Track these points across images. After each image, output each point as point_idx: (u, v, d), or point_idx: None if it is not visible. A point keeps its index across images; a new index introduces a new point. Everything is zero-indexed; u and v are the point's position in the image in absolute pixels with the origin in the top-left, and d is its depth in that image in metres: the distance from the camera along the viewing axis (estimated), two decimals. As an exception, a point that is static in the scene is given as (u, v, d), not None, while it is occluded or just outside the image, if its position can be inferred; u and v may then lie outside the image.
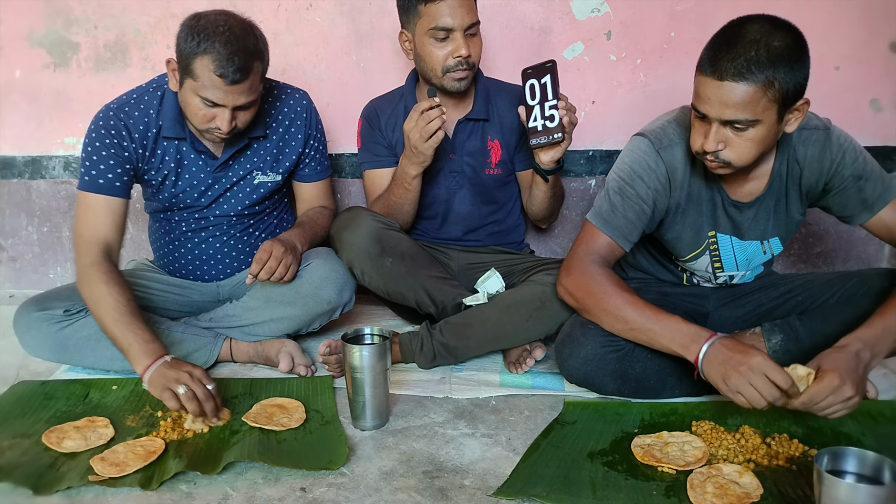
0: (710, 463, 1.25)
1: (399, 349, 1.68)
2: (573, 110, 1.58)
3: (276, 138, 1.73)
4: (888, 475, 1.04)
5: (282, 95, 1.75)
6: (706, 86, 1.25)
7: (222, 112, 1.50)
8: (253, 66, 1.47)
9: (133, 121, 1.61)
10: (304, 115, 1.76)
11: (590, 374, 1.46)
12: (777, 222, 1.50)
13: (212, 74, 1.44)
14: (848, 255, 2.23)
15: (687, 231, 1.51)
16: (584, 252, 1.47)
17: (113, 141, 1.60)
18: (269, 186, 1.75)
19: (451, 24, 1.65)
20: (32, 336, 1.62)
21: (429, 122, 1.60)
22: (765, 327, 1.55)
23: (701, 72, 1.26)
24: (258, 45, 1.50)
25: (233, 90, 1.47)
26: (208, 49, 1.43)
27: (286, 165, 1.76)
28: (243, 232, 1.79)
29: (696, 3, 2.05)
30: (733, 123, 1.25)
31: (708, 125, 1.29)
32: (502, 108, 1.84)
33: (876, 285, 1.49)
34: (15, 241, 2.38)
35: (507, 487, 1.20)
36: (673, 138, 1.44)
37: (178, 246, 1.79)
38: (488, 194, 1.88)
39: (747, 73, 1.20)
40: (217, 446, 1.33)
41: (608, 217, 1.46)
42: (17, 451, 1.32)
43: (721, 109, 1.24)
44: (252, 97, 1.51)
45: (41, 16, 2.19)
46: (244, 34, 1.47)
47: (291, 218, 1.91)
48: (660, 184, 1.44)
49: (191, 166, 1.68)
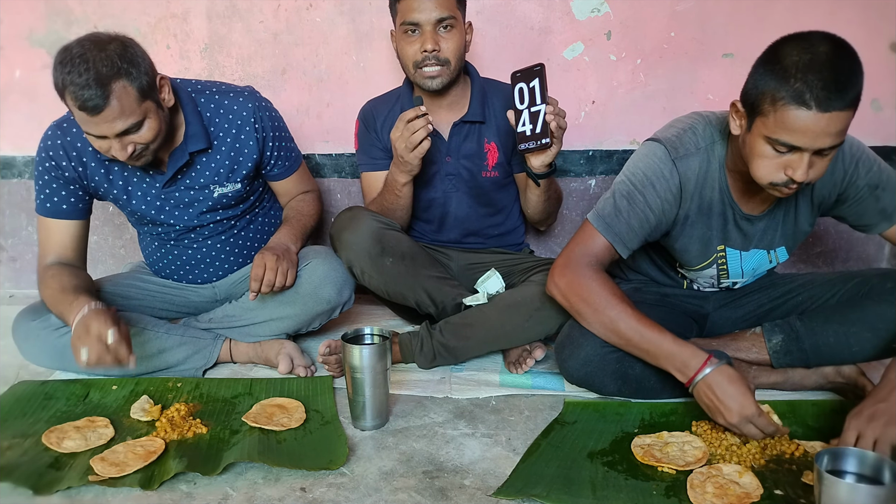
0: (710, 463, 1.25)
1: (399, 349, 1.68)
2: (562, 115, 1.55)
3: (225, 149, 1.65)
4: (888, 475, 1.04)
5: (224, 102, 1.65)
6: (804, 119, 1.15)
7: (110, 142, 1.43)
8: (111, 87, 1.36)
9: (70, 138, 1.58)
10: (252, 119, 1.66)
11: (590, 374, 1.46)
12: (785, 232, 1.49)
13: (77, 109, 1.38)
14: (848, 255, 2.24)
15: (695, 243, 1.48)
16: (580, 252, 1.44)
17: (52, 163, 1.59)
18: (230, 196, 1.70)
19: (419, 18, 1.64)
20: (31, 344, 1.63)
21: (413, 133, 1.59)
22: (765, 327, 1.55)
23: (796, 106, 1.15)
24: (116, 64, 1.37)
25: (101, 119, 1.38)
26: (66, 83, 1.36)
27: (243, 174, 1.69)
28: (229, 234, 1.77)
29: (696, 3, 2.05)
30: (824, 150, 1.19)
31: (790, 156, 1.21)
32: (499, 110, 1.80)
33: (877, 286, 1.49)
34: (15, 241, 2.38)
35: (507, 487, 1.20)
36: (689, 148, 1.39)
37: (166, 253, 1.78)
38: (486, 197, 1.87)
39: (854, 99, 1.15)
40: (217, 446, 1.33)
41: (610, 221, 1.43)
42: (17, 451, 1.32)
43: (822, 140, 1.17)
44: (131, 120, 1.40)
45: (41, 16, 2.19)
46: (97, 57, 1.36)
47: (277, 208, 1.89)
48: (671, 194, 1.40)
49: (140, 184, 1.64)
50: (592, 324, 1.42)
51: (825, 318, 1.50)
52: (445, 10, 1.65)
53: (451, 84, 1.74)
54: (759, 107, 1.21)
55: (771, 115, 1.19)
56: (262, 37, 2.16)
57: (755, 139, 1.24)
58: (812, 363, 1.52)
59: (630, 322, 1.36)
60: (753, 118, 1.24)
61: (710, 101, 2.11)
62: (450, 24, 1.67)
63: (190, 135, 1.60)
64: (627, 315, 1.36)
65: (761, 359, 1.54)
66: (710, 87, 2.11)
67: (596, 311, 1.39)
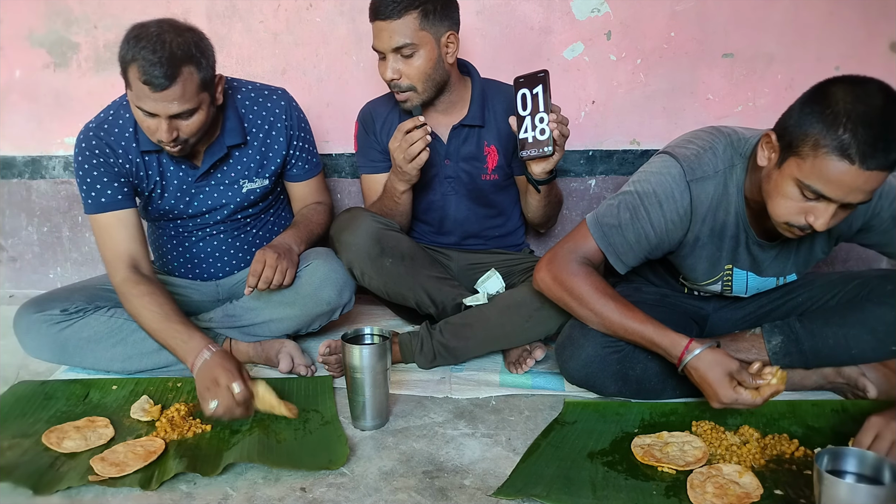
0: (710, 463, 1.25)
1: (399, 349, 1.68)
2: (565, 122, 1.54)
3: (257, 144, 1.70)
4: (888, 475, 1.04)
5: (259, 99, 1.70)
6: (844, 172, 1.11)
7: (159, 122, 1.46)
8: (181, 71, 1.41)
9: (114, 138, 1.60)
10: (284, 116, 1.71)
11: (591, 375, 1.46)
12: (797, 260, 1.47)
13: (139, 83, 1.40)
14: (848, 256, 2.23)
15: (702, 263, 1.46)
16: (568, 249, 1.43)
17: (100, 160, 1.60)
18: (258, 192, 1.73)
19: (378, 46, 1.66)
20: (32, 338, 1.62)
21: (411, 144, 1.58)
22: (765, 328, 1.55)
23: (838, 157, 1.11)
24: (190, 51, 1.43)
25: (161, 97, 1.41)
26: (136, 56, 1.39)
27: (272, 169, 1.73)
28: (239, 231, 1.78)
29: (696, 3, 2.05)
30: (852, 204, 1.16)
31: (816, 203, 1.18)
32: (500, 113, 1.79)
33: (877, 287, 1.49)
34: (15, 241, 2.38)
35: (507, 487, 1.20)
36: (707, 170, 1.34)
37: (174, 246, 1.79)
38: (485, 199, 1.87)
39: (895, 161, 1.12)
40: (217, 447, 1.33)
41: (607, 231, 1.40)
42: (17, 451, 1.32)
43: (854, 195, 1.14)
44: (187, 105, 1.44)
45: (41, 16, 2.19)
46: (174, 40, 1.41)
47: (289, 213, 1.91)
48: (677, 216, 1.36)
49: (173, 178, 1.66)
50: (580, 315, 1.43)
51: (825, 320, 1.50)
52: (402, 37, 1.62)
53: (440, 93, 1.73)
54: (798, 148, 1.16)
55: (809, 159, 1.14)
56: (262, 37, 2.16)
57: (784, 178, 1.20)
58: (812, 364, 1.52)
59: (613, 315, 1.37)
60: (787, 156, 1.19)
61: (710, 100, 2.11)
62: (410, 51, 1.64)
63: (228, 129, 1.63)
64: (610, 308, 1.37)
65: (761, 360, 1.54)
66: (710, 87, 2.11)
67: (581, 304, 1.40)
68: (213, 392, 1.34)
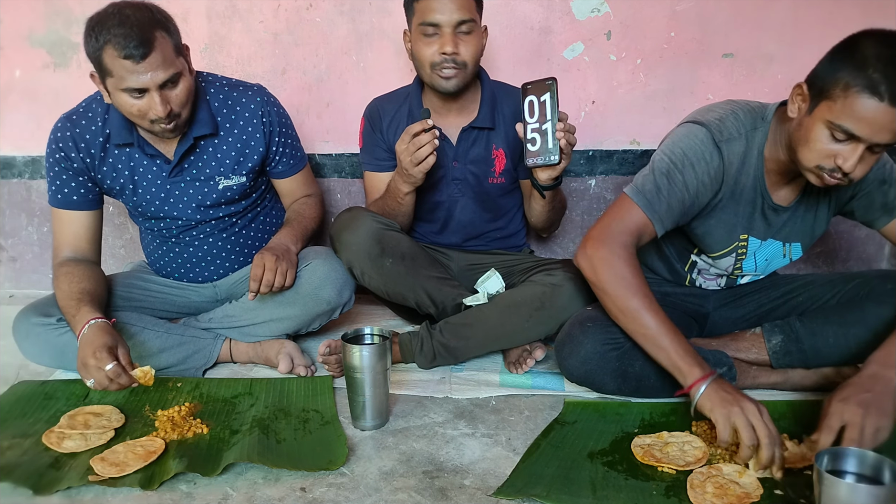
0: (710, 463, 1.25)
1: (399, 349, 1.68)
2: (572, 131, 1.53)
3: (232, 140, 1.68)
4: (888, 475, 1.04)
5: (233, 94, 1.69)
6: (873, 110, 1.16)
7: (151, 98, 1.46)
8: (154, 36, 1.43)
9: (80, 129, 1.61)
10: (260, 112, 1.69)
11: (590, 372, 1.46)
12: (804, 228, 1.49)
13: (120, 60, 1.41)
14: (848, 255, 2.24)
15: (720, 228, 1.47)
16: (616, 228, 1.39)
17: (61, 154, 1.61)
18: (235, 189, 1.71)
19: (439, 19, 1.63)
20: (31, 342, 1.62)
21: (419, 148, 1.57)
22: (765, 328, 1.55)
23: (868, 95, 1.16)
24: (155, 17, 1.46)
25: (145, 67, 1.42)
26: (108, 39, 1.41)
27: (249, 166, 1.70)
28: (228, 232, 1.77)
29: (695, 3, 2.05)
30: (879, 145, 1.20)
31: (845, 145, 1.22)
32: (509, 116, 1.79)
33: (877, 287, 1.49)
34: (15, 241, 2.38)
35: (507, 487, 1.20)
36: (733, 133, 1.38)
37: (167, 251, 1.78)
38: (491, 203, 1.86)
39: None
40: (217, 446, 1.33)
41: (651, 198, 1.38)
42: (17, 451, 1.32)
43: (882, 134, 1.18)
44: (171, 70, 1.46)
45: (41, 16, 2.19)
46: (135, 14, 1.43)
47: (280, 210, 1.90)
48: (709, 177, 1.38)
49: (146, 173, 1.66)
50: (611, 304, 1.38)
51: (825, 319, 1.51)
52: (466, 12, 1.63)
53: (465, 87, 1.73)
54: (829, 91, 1.21)
55: (840, 100, 1.19)
56: (261, 37, 2.16)
57: (814, 122, 1.24)
58: (812, 364, 1.52)
59: (650, 319, 1.32)
60: (818, 102, 1.23)
61: (710, 101, 2.11)
62: (469, 27, 1.65)
63: (197, 119, 1.63)
64: (650, 311, 1.33)
65: (761, 359, 1.54)
66: (710, 87, 2.11)
67: (620, 295, 1.35)
68: (87, 371, 1.37)
